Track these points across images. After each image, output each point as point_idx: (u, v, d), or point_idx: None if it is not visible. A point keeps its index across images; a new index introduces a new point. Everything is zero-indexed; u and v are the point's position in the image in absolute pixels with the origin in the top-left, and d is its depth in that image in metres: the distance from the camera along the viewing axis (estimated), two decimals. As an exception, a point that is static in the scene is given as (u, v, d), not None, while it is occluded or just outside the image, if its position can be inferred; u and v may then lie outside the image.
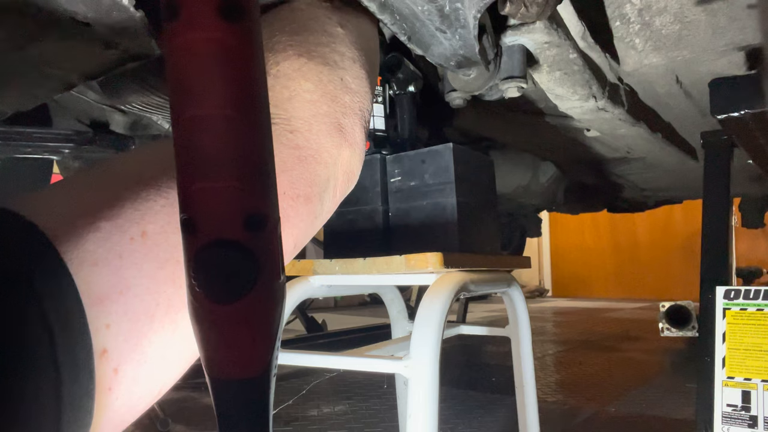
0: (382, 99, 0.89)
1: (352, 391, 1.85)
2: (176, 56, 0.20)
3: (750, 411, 0.82)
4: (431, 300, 0.71)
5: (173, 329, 0.33)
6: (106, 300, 0.30)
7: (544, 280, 6.31)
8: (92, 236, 0.30)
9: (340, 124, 0.47)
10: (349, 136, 0.48)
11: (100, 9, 0.47)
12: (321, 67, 0.47)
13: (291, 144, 0.43)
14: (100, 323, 0.29)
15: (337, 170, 0.47)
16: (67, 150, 1.03)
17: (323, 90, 0.47)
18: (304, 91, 0.46)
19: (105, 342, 0.29)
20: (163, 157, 0.36)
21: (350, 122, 0.49)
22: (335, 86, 0.48)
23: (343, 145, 0.47)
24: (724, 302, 0.88)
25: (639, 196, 2.22)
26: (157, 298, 0.32)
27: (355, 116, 0.50)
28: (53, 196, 0.33)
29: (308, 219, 0.44)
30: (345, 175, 0.49)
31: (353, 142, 0.49)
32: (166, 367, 0.34)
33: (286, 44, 0.47)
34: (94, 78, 0.62)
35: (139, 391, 0.32)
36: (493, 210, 0.95)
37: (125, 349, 0.30)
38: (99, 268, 0.30)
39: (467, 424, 1.49)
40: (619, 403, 1.69)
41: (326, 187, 0.46)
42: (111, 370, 0.30)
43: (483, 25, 0.62)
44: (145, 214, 0.33)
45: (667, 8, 0.76)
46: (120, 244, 0.31)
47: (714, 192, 1.06)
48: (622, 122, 1.02)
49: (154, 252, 0.32)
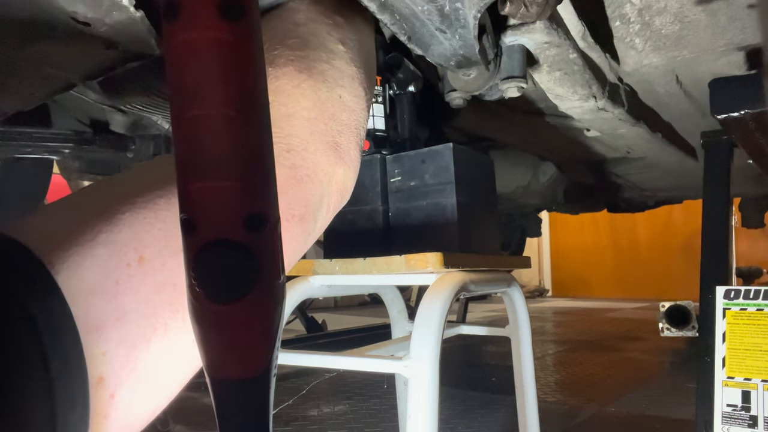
0: (382, 99, 0.89)
1: (352, 391, 1.85)
2: (176, 56, 0.20)
3: (750, 411, 0.82)
4: (431, 300, 0.71)
5: (169, 352, 0.34)
6: (102, 327, 0.29)
7: (544, 280, 6.31)
8: (89, 263, 0.30)
9: (336, 142, 0.47)
10: (345, 155, 0.48)
11: (100, 9, 0.47)
12: (320, 85, 0.47)
13: (288, 163, 0.43)
14: (96, 351, 0.29)
15: (331, 188, 0.47)
16: (67, 150, 1.03)
17: (321, 108, 0.47)
18: (302, 108, 0.45)
19: (101, 369, 0.29)
20: (159, 179, 0.36)
21: (346, 140, 0.49)
22: (333, 104, 0.48)
23: (338, 163, 0.47)
24: (724, 302, 0.88)
25: (639, 196, 2.22)
26: (154, 323, 0.32)
27: (351, 134, 0.50)
28: (50, 220, 0.33)
29: (302, 238, 0.45)
30: (338, 192, 0.49)
31: (348, 161, 0.49)
32: (161, 389, 0.34)
33: (287, 59, 0.47)
34: (94, 78, 0.62)
35: (134, 414, 0.32)
36: (493, 210, 0.95)
37: (122, 375, 0.30)
38: (95, 296, 0.30)
39: (467, 424, 1.49)
40: (619, 403, 1.69)
41: (320, 206, 0.46)
42: (107, 396, 0.30)
43: (483, 25, 0.62)
44: (143, 239, 0.33)
45: (667, 8, 0.76)
46: (117, 270, 0.31)
47: (714, 192, 1.06)
48: (622, 122, 1.02)
49: (151, 277, 0.33)
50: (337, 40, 0.51)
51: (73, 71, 0.60)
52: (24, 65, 0.57)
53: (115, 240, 0.32)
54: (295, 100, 0.45)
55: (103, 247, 0.31)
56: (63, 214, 0.33)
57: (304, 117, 0.45)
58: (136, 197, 0.34)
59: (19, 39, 0.52)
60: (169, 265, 0.33)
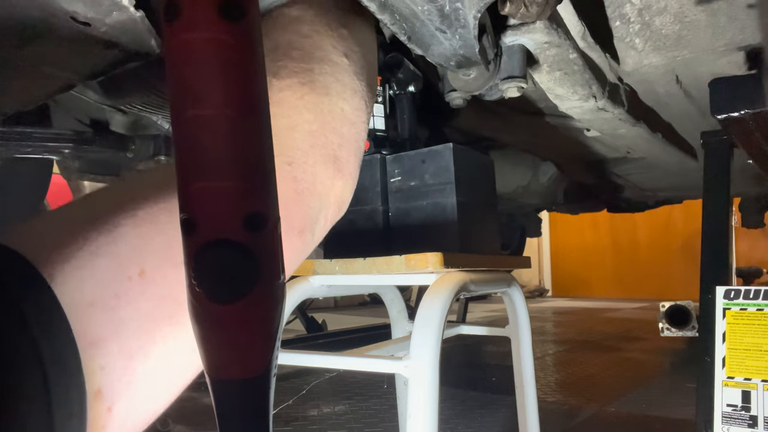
0: (382, 99, 0.89)
1: (352, 391, 1.85)
2: (176, 56, 0.20)
3: (750, 411, 0.82)
4: (431, 300, 0.71)
5: (167, 363, 0.34)
6: (101, 341, 0.29)
7: (544, 280, 6.31)
8: (89, 275, 0.30)
9: (336, 156, 0.48)
10: (344, 168, 0.48)
11: (100, 9, 0.47)
12: (323, 98, 0.47)
13: (289, 176, 0.43)
14: (94, 364, 0.29)
15: (330, 201, 0.47)
16: (67, 150, 1.03)
17: (323, 121, 0.47)
18: (304, 121, 0.45)
19: (99, 382, 0.29)
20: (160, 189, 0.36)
21: (346, 153, 0.49)
22: (335, 117, 0.48)
23: (338, 176, 0.48)
24: (724, 302, 0.88)
25: (639, 196, 2.22)
26: (153, 336, 0.32)
27: (351, 147, 0.50)
28: (49, 230, 0.32)
29: (300, 251, 0.45)
30: (336, 205, 0.49)
31: (347, 174, 0.49)
32: (158, 398, 0.34)
33: (291, 71, 0.47)
34: (94, 78, 0.62)
35: (131, 424, 0.32)
36: (493, 210, 0.95)
37: (119, 388, 0.30)
38: (95, 309, 0.30)
39: (467, 424, 1.49)
40: (619, 403, 1.69)
41: (318, 219, 0.46)
42: (105, 409, 0.30)
43: (483, 25, 0.62)
44: (144, 252, 0.33)
45: (667, 8, 0.76)
46: (117, 283, 0.31)
47: (714, 192, 1.06)
48: (622, 122, 1.02)
49: (151, 290, 0.32)
50: (341, 53, 0.51)
51: (73, 71, 0.60)
52: (24, 65, 0.57)
53: (116, 252, 0.32)
54: (298, 112, 0.45)
55: (104, 259, 0.31)
56: (63, 225, 0.33)
57: (306, 130, 0.45)
58: (137, 209, 0.34)
59: (19, 39, 0.52)
60: (169, 278, 0.33)
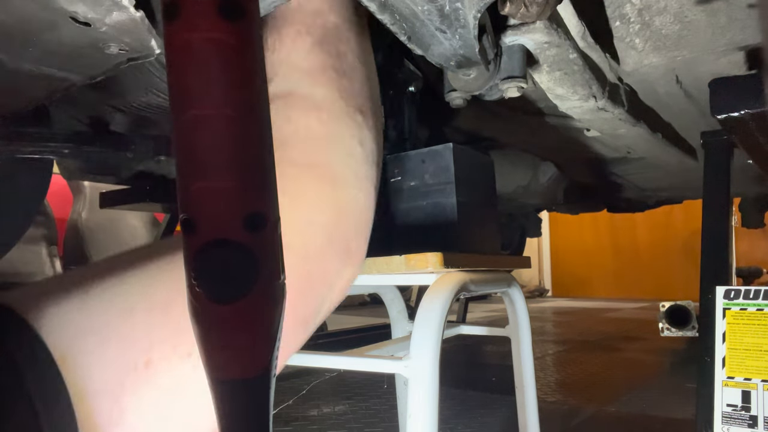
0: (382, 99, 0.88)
1: (352, 391, 1.85)
2: (176, 56, 0.20)
3: (750, 411, 0.82)
4: (431, 300, 0.71)
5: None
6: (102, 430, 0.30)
7: (544, 280, 6.31)
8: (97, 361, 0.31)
9: (349, 247, 0.48)
10: (355, 256, 0.49)
11: (100, 9, 0.47)
12: (339, 192, 0.47)
13: (303, 271, 0.43)
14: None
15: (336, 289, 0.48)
16: (67, 150, 1.03)
17: (339, 213, 0.47)
18: (321, 215, 0.46)
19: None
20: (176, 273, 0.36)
21: (357, 243, 0.49)
22: (350, 208, 0.48)
23: (348, 265, 0.48)
24: (724, 302, 0.88)
25: (639, 196, 2.22)
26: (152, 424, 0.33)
27: (362, 235, 0.50)
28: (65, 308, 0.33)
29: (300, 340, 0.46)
30: (341, 291, 0.49)
31: (357, 261, 0.49)
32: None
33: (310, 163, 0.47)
34: (94, 78, 0.62)
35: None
36: (493, 210, 0.95)
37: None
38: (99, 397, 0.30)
39: (467, 424, 1.49)
40: (619, 403, 1.69)
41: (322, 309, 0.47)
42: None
43: (483, 25, 0.62)
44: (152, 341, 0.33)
45: (667, 8, 0.76)
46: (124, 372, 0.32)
47: (714, 192, 1.06)
48: (622, 122, 1.02)
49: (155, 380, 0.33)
50: (357, 142, 0.51)
51: (73, 71, 0.60)
52: (24, 65, 0.57)
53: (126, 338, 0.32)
54: (317, 207, 0.46)
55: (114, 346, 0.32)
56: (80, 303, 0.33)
57: (323, 224, 0.46)
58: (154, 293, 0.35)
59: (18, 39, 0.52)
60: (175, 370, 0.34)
